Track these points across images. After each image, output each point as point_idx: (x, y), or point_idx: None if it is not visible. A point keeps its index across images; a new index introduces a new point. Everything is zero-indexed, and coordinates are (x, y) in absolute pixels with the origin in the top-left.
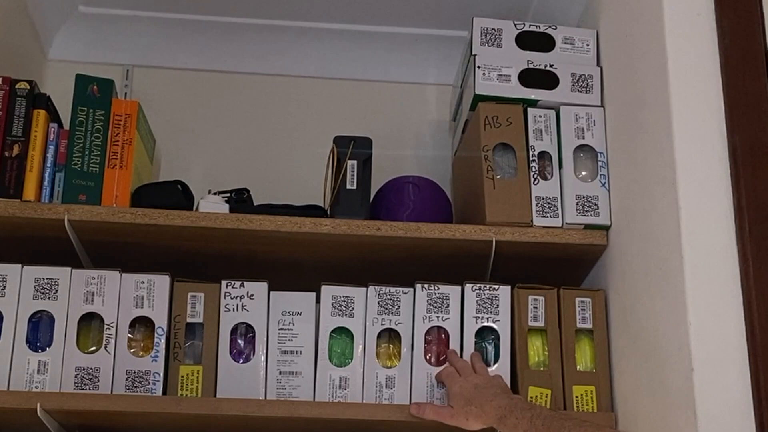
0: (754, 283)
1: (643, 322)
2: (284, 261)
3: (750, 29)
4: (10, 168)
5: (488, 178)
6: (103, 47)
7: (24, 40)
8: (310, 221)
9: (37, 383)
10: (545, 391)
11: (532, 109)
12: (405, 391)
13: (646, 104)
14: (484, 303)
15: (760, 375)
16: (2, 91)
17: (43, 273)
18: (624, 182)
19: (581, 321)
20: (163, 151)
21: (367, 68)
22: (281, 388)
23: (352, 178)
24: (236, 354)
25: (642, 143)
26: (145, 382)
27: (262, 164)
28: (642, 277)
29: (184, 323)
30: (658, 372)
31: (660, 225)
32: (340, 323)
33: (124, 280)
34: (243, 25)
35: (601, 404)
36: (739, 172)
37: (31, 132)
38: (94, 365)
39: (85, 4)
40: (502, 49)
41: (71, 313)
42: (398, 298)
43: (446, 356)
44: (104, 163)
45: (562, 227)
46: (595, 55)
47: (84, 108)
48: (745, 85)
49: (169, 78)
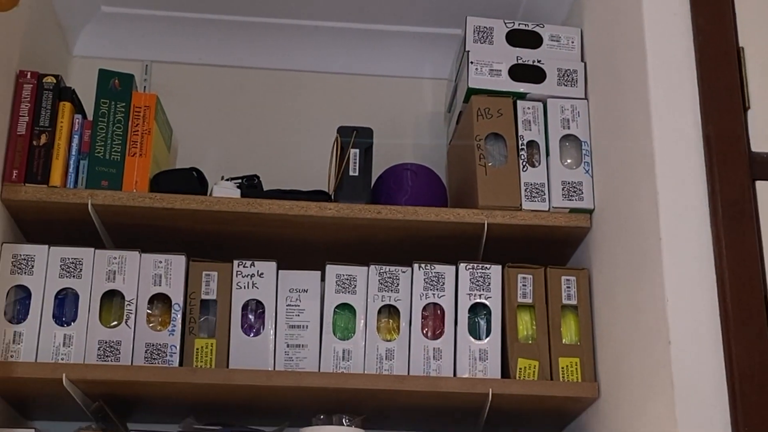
0: (727, 263)
1: (624, 299)
2: (291, 242)
3: (723, 28)
4: (38, 156)
5: (480, 165)
6: (123, 44)
7: (51, 37)
8: (315, 205)
9: (63, 355)
10: (533, 362)
11: (521, 102)
12: (403, 363)
13: (626, 97)
14: (476, 281)
15: (732, 347)
16: (30, 85)
17: (68, 253)
18: (606, 169)
19: (566, 298)
20: (180, 140)
21: (369, 64)
22: (289, 359)
23: (354, 166)
24: (247, 328)
25: (623, 133)
26: (163, 354)
27: (271, 152)
28: (623, 257)
29: (199, 300)
30: (637, 345)
31: (639, 209)
32: (344, 300)
33: (143, 259)
34: (254, 24)
35: (585, 375)
36: (713, 160)
37: (57, 123)
38: (115, 339)
39: (107, 4)
40: (494, 46)
41: (94, 291)
42: (397, 276)
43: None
44: (125, 151)
45: (549, 211)
46: (579, 51)
47: (106, 100)
48: (719, 79)
49: (185, 73)
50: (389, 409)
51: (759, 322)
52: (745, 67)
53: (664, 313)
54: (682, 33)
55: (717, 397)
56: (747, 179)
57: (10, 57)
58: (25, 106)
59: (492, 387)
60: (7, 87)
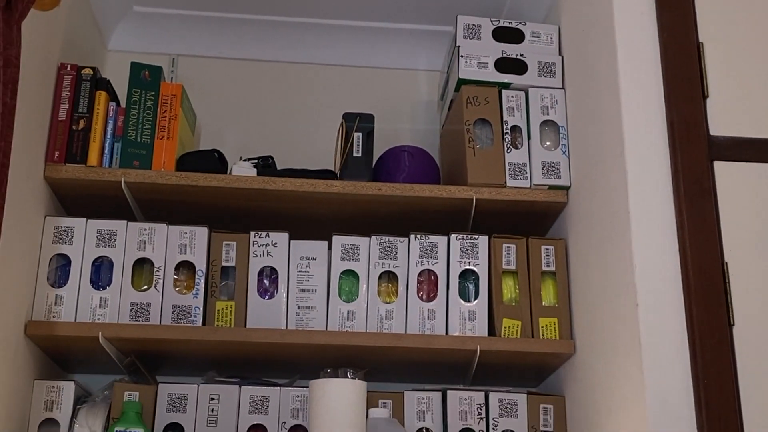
0: (688, 234)
1: (597, 266)
2: (302, 215)
3: (685, 25)
4: (77, 139)
5: (470, 147)
6: (153, 40)
7: (88, 34)
8: (323, 183)
9: (99, 316)
10: (516, 322)
11: (505, 91)
12: (401, 323)
13: (599, 86)
14: (466, 250)
15: (693, 309)
16: (70, 76)
17: (103, 225)
18: (581, 150)
19: (546, 264)
20: (203, 125)
21: (370, 57)
22: (299, 320)
23: (357, 148)
24: (262, 292)
25: (596, 118)
26: (188, 314)
27: (283, 136)
28: (596, 228)
29: (220, 266)
30: (609, 307)
31: (610, 185)
32: (348, 267)
33: (170, 231)
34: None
35: (562, 333)
36: (676, 142)
37: (94, 109)
38: (145, 301)
39: (138, 4)
40: (481, 42)
41: (127, 258)
42: (396, 246)
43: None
44: (154, 134)
45: (530, 188)
46: (557, 46)
47: (137, 90)
48: (681, 71)
49: (208, 65)
50: (388, 363)
51: (717, 286)
52: (704, 60)
53: (633, 278)
54: (649, 30)
55: (679, 352)
56: (706, 160)
57: (52, 51)
58: (65, 95)
59: (480, 344)
60: (49, 78)
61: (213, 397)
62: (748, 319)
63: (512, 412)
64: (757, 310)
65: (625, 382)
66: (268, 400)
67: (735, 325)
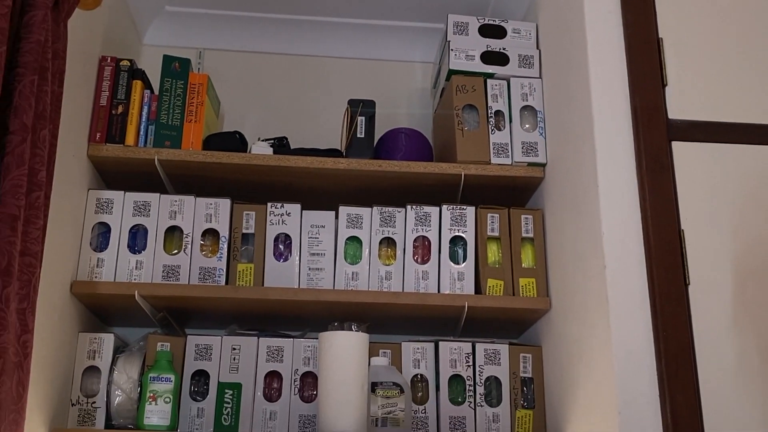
0: (649, 204)
1: (569, 233)
2: (312, 188)
3: (646, 22)
4: (116, 122)
5: (459, 129)
6: (182, 35)
7: (126, 31)
8: (331, 160)
9: (135, 276)
10: (499, 282)
11: (490, 80)
12: (399, 282)
13: (571, 76)
14: (455, 219)
15: (653, 270)
16: (110, 67)
17: (139, 197)
18: (556, 132)
19: (525, 231)
20: (226, 110)
21: (372, 51)
22: (310, 280)
23: (361, 130)
24: (278, 255)
25: (569, 104)
26: (213, 275)
27: (296, 119)
28: (569, 200)
29: (241, 233)
30: (580, 268)
31: (582, 162)
32: (353, 233)
33: (197, 202)
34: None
35: (539, 292)
36: (639, 126)
37: (131, 96)
38: (176, 263)
39: (170, 4)
40: (469, 37)
41: (159, 226)
42: (394, 215)
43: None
44: (183, 118)
45: (512, 164)
46: (535, 41)
47: (169, 79)
48: (643, 62)
49: (231, 57)
50: (388, 318)
51: (674, 250)
52: (663, 53)
53: (601, 243)
54: (614, 27)
55: (642, 308)
56: (665, 140)
57: (94, 45)
58: (105, 84)
59: (467, 301)
60: (91, 69)
61: (235, 347)
62: (702, 279)
63: (496, 360)
64: (709, 272)
65: (595, 334)
66: (282, 350)
67: (690, 285)
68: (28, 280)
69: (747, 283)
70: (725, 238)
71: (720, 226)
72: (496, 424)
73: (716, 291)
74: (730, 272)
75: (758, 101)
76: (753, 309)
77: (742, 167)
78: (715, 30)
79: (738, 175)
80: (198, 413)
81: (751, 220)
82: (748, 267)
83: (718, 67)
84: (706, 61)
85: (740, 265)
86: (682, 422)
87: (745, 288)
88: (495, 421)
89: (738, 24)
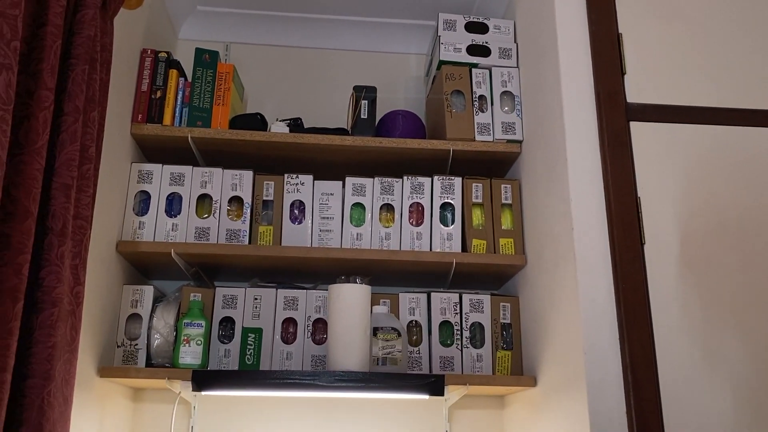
0: (611, 176)
1: (542, 199)
2: (323, 162)
3: (608, 20)
4: (155, 105)
5: (448, 111)
6: (212, 31)
7: (163, 27)
8: (338, 138)
9: (171, 237)
10: (482, 241)
11: (474, 69)
12: (397, 242)
13: (544, 66)
14: (445, 188)
15: (614, 231)
16: (150, 58)
17: (175, 169)
18: (531, 114)
19: (505, 198)
20: (249, 95)
21: (374, 44)
22: (321, 240)
23: (364, 111)
24: (293, 219)
25: (542, 90)
26: (238, 236)
27: (309, 102)
28: (541, 171)
29: (262, 200)
30: (551, 230)
31: (553, 139)
32: (357, 200)
33: (225, 174)
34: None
35: (516, 250)
36: (601, 108)
37: (168, 83)
38: (206, 226)
39: (201, 4)
40: (456, 33)
41: (192, 194)
42: (393, 185)
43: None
44: (212, 102)
45: (493, 141)
46: (513, 36)
47: (200, 68)
48: (605, 54)
49: (253, 50)
50: (387, 272)
51: (632, 215)
52: (622, 46)
53: (569, 208)
54: (581, 24)
55: (604, 264)
56: (624, 120)
57: (136, 40)
58: (146, 72)
59: (455, 258)
60: (134, 60)
61: (256, 297)
62: (655, 239)
63: (479, 308)
64: (661, 233)
65: (564, 286)
66: (297, 300)
67: (645, 244)
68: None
69: (692, 243)
70: (675, 204)
71: (670, 194)
72: (479, 363)
73: (667, 249)
74: (679, 233)
75: (704, 87)
76: (697, 264)
77: (690, 143)
78: (667, 27)
79: (686, 150)
80: (225, 353)
81: (697, 189)
82: (694, 229)
83: (669, 58)
84: (659, 53)
85: (687, 227)
86: (638, 360)
87: (691, 246)
88: (479, 360)
89: (686, 22)
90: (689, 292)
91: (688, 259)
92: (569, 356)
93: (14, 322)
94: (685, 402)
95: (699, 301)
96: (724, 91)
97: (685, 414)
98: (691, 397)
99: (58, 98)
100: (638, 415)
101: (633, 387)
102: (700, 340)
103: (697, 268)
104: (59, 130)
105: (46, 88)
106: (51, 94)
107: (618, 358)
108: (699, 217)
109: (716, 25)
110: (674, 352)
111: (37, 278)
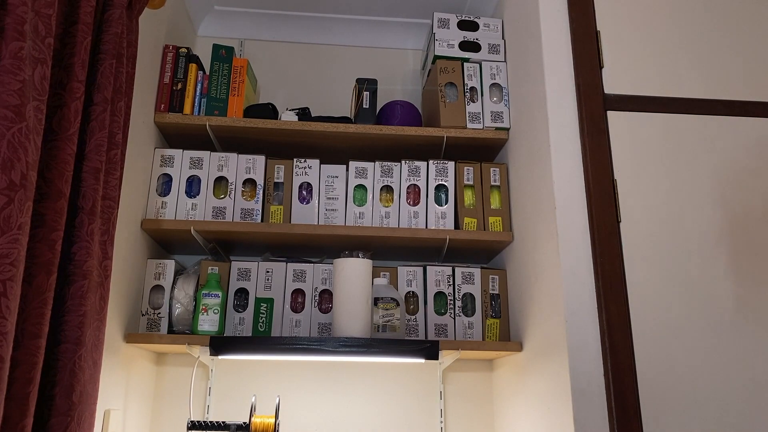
0: (590, 159)
1: (527, 181)
2: (328, 147)
3: (587, 18)
4: (176, 96)
5: (442, 101)
6: (228, 29)
7: (184, 25)
8: (343, 125)
9: (191, 215)
10: (473, 219)
11: (466, 63)
12: (395, 220)
13: (529, 60)
14: (440, 171)
15: (593, 209)
16: (171, 53)
17: (194, 154)
18: (517, 103)
19: (493, 181)
20: (262, 86)
21: (374, 40)
22: (327, 218)
23: (366, 102)
24: (302, 199)
25: (526, 82)
26: (251, 214)
27: (316, 93)
28: (527, 156)
29: (273, 182)
30: (535, 210)
31: (537, 126)
32: (360, 182)
33: (239, 158)
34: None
35: (504, 227)
36: (581, 98)
37: (188, 76)
38: (223, 205)
39: (218, 4)
40: (449, 30)
41: (210, 176)
42: (392, 168)
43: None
44: (228, 93)
45: (483, 129)
46: (501, 33)
47: (217, 62)
48: (584, 50)
49: (266, 46)
50: (387, 247)
51: (609, 195)
52: (600, 42)
53: (552, 189)
54: (563, 21)
55: (584, 239)
56: (601, 109)
57: (159, 36)
58: (168, 66)
59: (449, 235)
60: (157, 55)
61: (268, 270)
62: (630, 218)
63: (470, 280)
64: (635, 212)
65: (547, 260)
66: (305, 273)
67: (621, 222)
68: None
69: (664, 220)
70: (648, 185)
71: (644, 176)
72: (471, 330)
73: (641, 226)
74: (652, 212)
75: (675, 80)
76: (667, 239)
77: (662, 131)
78: (642, 24)
79: (659, 137)
80: (240, 321)
81: (669, 172)
82: (665, 208)
83: (643, 53)
84: (634, 49)
85: (659, 206)
86: (615, 327)
87: (662, 223)
88: (470, 327)
89: (658, 20)
90: (661, 264)
91: (659, 234)
92: (552, 323)
93: (48, 293)
94: (656, 362)
95: (669, 273)
96: (695, 83)
97: (657, 374)
98: (662, 358)
99: (88, 90)
100: (614, 375)
101: (610, 350)
102: (670, 308)
103: (668, 242)
104: (89, 119)
105: (77, 81)
106: (82, 86)
107: (596, 325)
108: (671, 197)
109: (688, 22)
110: (647, 318)
111: (69, 253)
